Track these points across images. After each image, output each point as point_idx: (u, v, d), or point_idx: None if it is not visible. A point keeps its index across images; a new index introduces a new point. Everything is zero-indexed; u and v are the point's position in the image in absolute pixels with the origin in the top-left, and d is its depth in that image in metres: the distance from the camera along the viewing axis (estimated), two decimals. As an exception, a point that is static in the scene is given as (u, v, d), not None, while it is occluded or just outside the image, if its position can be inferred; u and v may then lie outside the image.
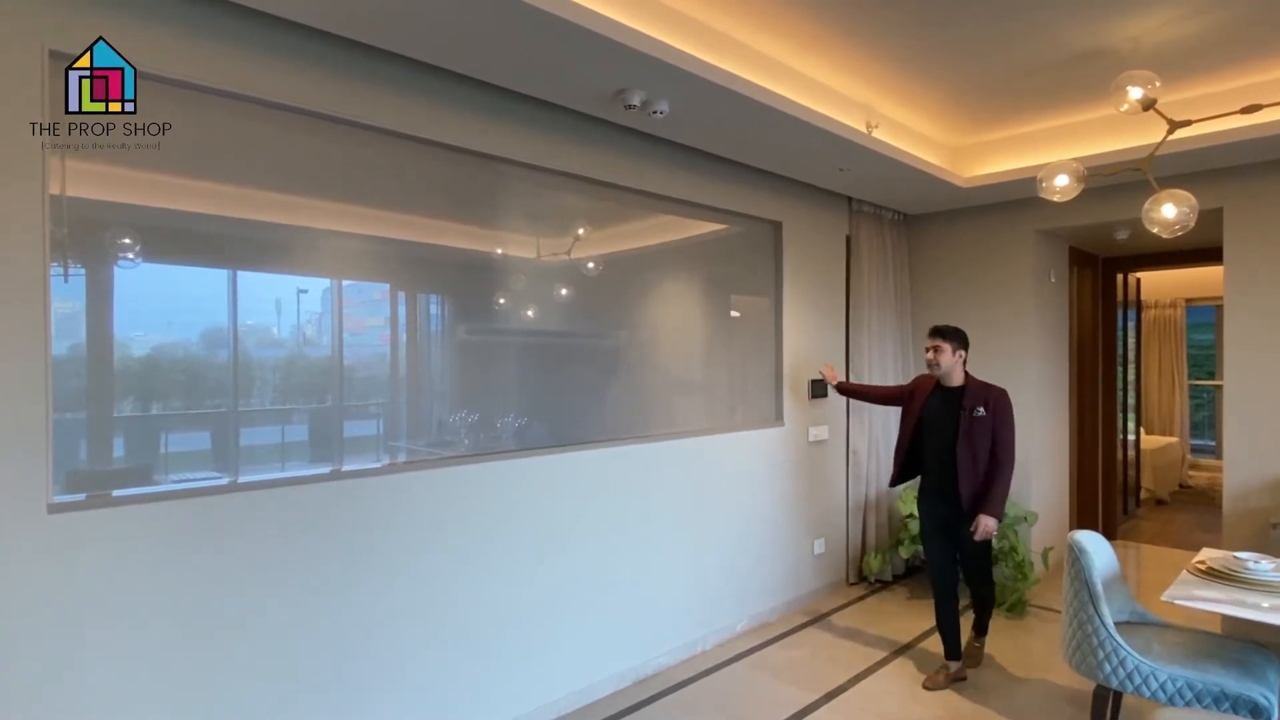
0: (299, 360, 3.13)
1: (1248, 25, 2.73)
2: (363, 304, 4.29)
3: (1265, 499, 3.69)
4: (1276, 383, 3.69)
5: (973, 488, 3.18)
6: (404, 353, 4.23)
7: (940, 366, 3.28)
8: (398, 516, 2.51)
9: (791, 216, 4.25)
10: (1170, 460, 7.49)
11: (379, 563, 2.44)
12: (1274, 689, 2.25)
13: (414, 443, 3.87)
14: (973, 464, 3.18)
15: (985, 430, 3.18)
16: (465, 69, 2.57)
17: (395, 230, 3.72)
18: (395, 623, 2.47)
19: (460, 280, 4.05)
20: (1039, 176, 2.75)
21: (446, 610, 2.61)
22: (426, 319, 4.27)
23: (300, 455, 3.62)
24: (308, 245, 2.80)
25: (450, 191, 3.51)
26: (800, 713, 2.96)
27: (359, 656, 2.38)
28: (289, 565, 2.23)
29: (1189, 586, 2.31)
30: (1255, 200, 3.75)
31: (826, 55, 3.08)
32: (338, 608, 2.33)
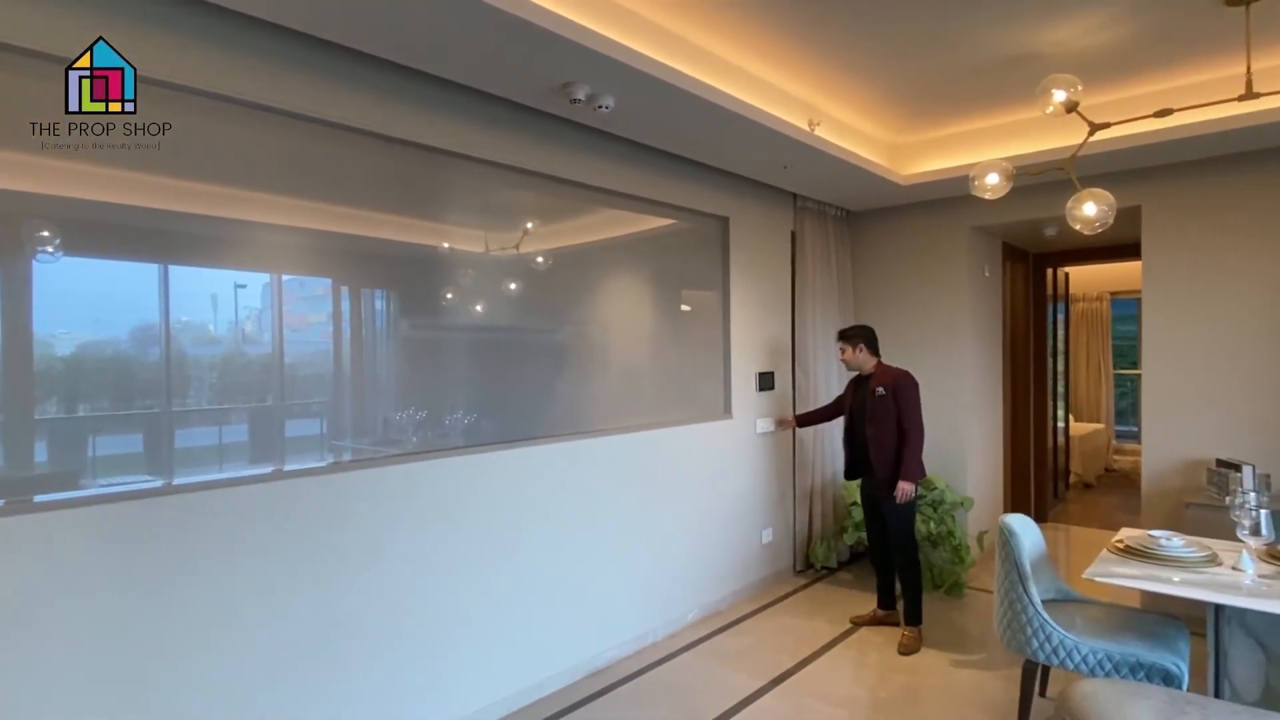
0: (238, 358, 3.04)
1: (1158, 36, 2.89)
2: (305, 300, 4.18)
3: (1179, 480, 3.92)
4: (1190, 372, 3.93)
5: (884, 460, 3.58)
6: (348, 349, 4.14)
7: (853, 364, 3.75)
8: (343, 516, 2.46)
9: (738, 212, 4.31)
10: (1097, 446, 7.89)
11: (324, 563, 2.39)
12: (1184, 657, 2.41)
13: (359, 441, 3.80)
14: (879, 439, 3.59)
15: (888, 408, 3.58)
16: (406, 60, 2.53)
17: (337, 224, 3.64)
18: (342, 623, 2.43)
19: (406, 275, 3.98)
20: (971, 175, 2.86)
21: (394, 609, 2.58)
22: (372, 315, 4.18)
23: (240, 456, 3.51)
24: (245, 239, 2.72)
25: (394, 185, 3.44)
26: (747, 699, 3.03)
27: (304, 658, 2.33)
28: (230, 569, 2.17)
29: (1109, 564, 2.45)
30: (1170, 199, 3.98)
31: (770, 54, 3.14)
32: (281, 610, 2.28)
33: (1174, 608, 2.99)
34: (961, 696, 3.03)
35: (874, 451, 3.62)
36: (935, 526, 4.24)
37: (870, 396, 3.65)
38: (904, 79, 3.38)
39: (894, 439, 3.57)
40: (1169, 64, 3.18)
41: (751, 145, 3.57)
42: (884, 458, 3.58)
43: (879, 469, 3.60)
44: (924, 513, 4.28)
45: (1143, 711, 1.87)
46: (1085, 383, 8.74)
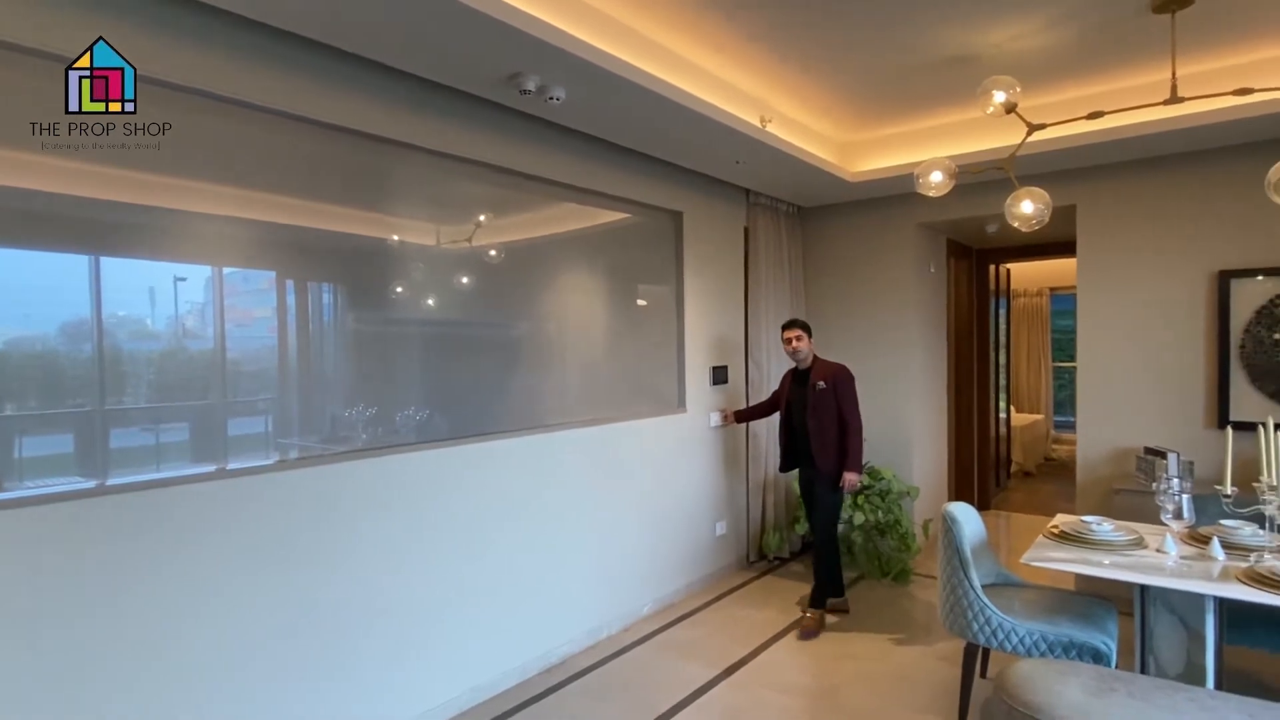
0: (178, 354, 2.94)
1: (1091, 40, 3.01)
2: (249, 294, 4.05)
3: (1111, 468, 4.11)
4: (1121, 365, 4.11)
5: (823, 452, 3.69)
6: (294, 345, 4.03)
7: (801, 353, 3.81)
8: (290, 515, 2.40)
9: (692, 207, 4.34)
10: (1037, 436, 8.20)
11: (271, 562, 2.33)
12: (1113, 636, 2.53)
13: (307, 439, 3.71)
14: (820, 431, 3.70)
15: (828, 402, 3.69)
16: (350, 46, 2.46)
17: (282, 214, 3.53)
18: (291, 623, 2.37)
19: (354, 268, 3.89)
20: (916, 173, 2.93)
21: (340, 610, 2.53)
22: (319, 309, 4.08)
23: (180, 455, 3.38)
24: (183, 230, 2.62)
25: (340, 175, 3.36)
26: (701, 689, 3.06)
27: (252, 659, 2.27)
28: (174, 571, 2.10)
29: (1044, 549, 2.55)
30: (1103, 199, 4.15)
31: (724, 50, 3.16)
32: (229, 611, 2.22)
33: (1105, 589, 3.13)
34: (907, 679, 3.12)
35: (816, 444, 3.72)
36: (883, 515, 4.35)
37: (811, 390, 3.74)
38: (852, 78, 3.45)
39: (835, 431, 3.69)
40: (1101, 68, 3.31)
41: (704, 140, 3.60)
42: (826, 450, 3.70)
43: (820, 461, 3.71)
44: (872, 502, 4.39)
45: (1073, 689, 1.96)
46: (1026, 375, 9.07)
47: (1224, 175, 3.74)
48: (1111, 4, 2.69)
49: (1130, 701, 1.88)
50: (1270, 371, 3.66)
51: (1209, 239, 3.82)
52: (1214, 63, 3.24)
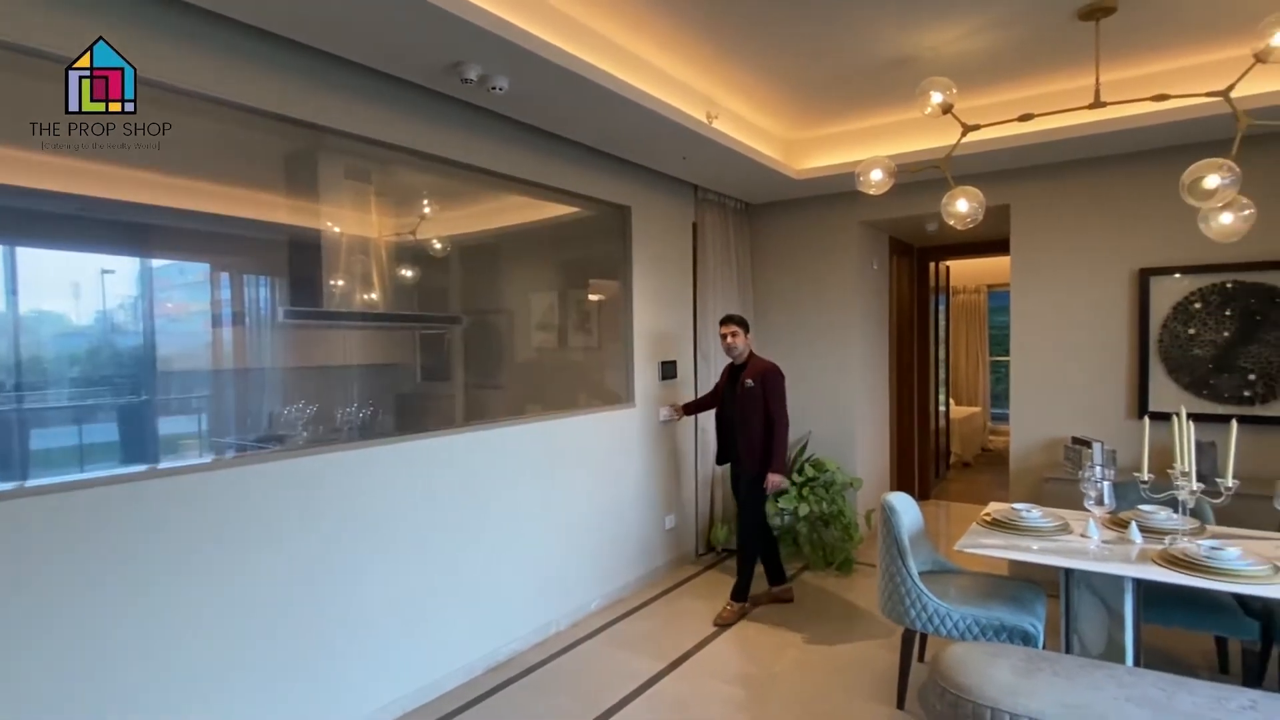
0: (106, 350, 2.81)
1: (1022, 45, 3.12)
2: (182, 287, 3.88)
3: (1042, 458, 4.29)
4: (1052, 358, 4.29)
5: (749, 449, 3.74)
6: (230, 340, 3.89)
7: (736, 349, 3.82)
8: (226, 515, 2.31)
9: (640, 202, 4.34)
10: (974, 428, 8.50)
11: (208, 563, 2.25)
12: (1041, 618, 2.64)
13: (243, 437, 3.58)
14: (746, 428, 3.74)
15: (756, 399, 3.71)
16: (286, 31, 2.37)
17: (215, 204, 3.39)
18: (230, 624, 2.29)
19: (293, 261, 3.77)
20: (857, 171, 3.00)
21: (282, 610, 2.45)
22: (256, 303, 3.94)
23: (109, 455, 3.23)
24: (110, 219, 2.49)
25: (277, 164, 3.24)
26: (648, 682, 3.08)
27: (188, 662, 2.18)
28: (103, 573, 2.01)
29: (977, 536, 2.65)
30: (1035, 199, 4.31)
31: (670, 45, 3.16)
32: (160, 612, 2.12)
33: (1035, 573, 3.27)
34: (849, 666, 3.20)
35: (741, 440, 3.77)
36: (827, 507, 4.45)
37: (741, 387, 3.78)
38: (797, 76, 3.49)
39: (761, 430, 3.72)
40: (1033, 72, 3.44)
41: (651, 135, 3.60)
42: (750, 447, 3.74)
43: (745, 457, 3.76)
44: (817, 493, 4.48)
45: (1003, 670, 2.03)
46: (965, 369, 9.38)
47: (1145, 178, 3.93)
48: (1041, 10, 2.79)
49: (1055, 680, 1.97)
50: (1185, 365, 3.87)
51: (1131, 238, 4.02)
52: (1135, 70, 3.39)
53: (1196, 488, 2.46)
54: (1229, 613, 2.70)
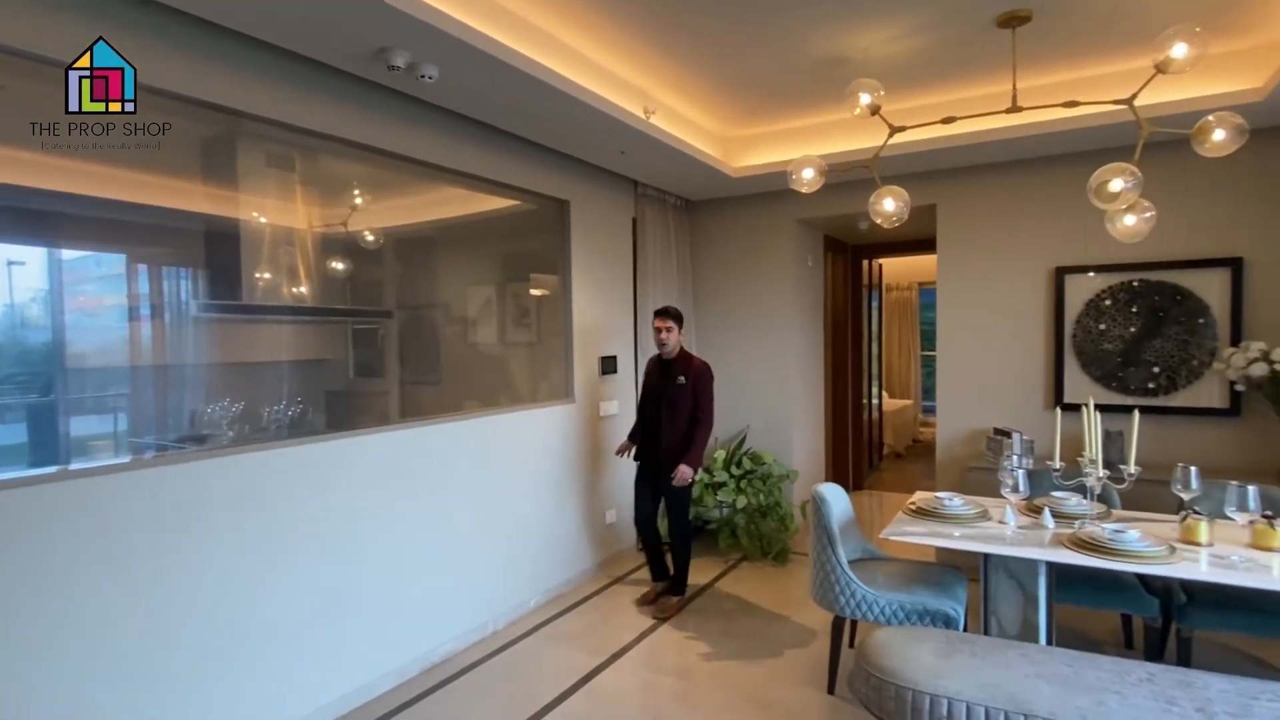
0: (12, 348, 2.64)
1: (946, 49, 3.23)
2: (97, 280, 3.67)
3: (966, 448, 4.47)
4: (976, 352, 4.47)
5: (674, 445, 3.71)
6: (149, 335, 3.69)
7: (670, 344, 3.77)
8: (144, 517, 2.20)
9: (579, 196, 4.31)
10: (906, 419, 8.79)
11: (123, 568, 2.13)
12: (962, 601, 2.75)
13: (164, 437, 3.41)
14: (672, 424, 3.72)
15: (686, 396, 3.72)
16: (200, 11, 2.25)
17: (131, 192, 3.21)
18: (145, 630, 2.17)
19: (212, 252, 3.60)
20: (789, 170, 3.05)
21: (203, 615, 2.34)
22: (177, 297, 3.75)
23: (15, 458, 3.03)
24: (16, 207, 2.33)
25: (193, 150, 3.10)
26: (586, 677, 3.08)
27: (100, 669, 2.06)
28: (6, 578, 1.88)
29: (902, 524, 2.74)
30: (959, 199, 4.48)
31: (607, 40, 3.15)
32: (71, 616, 2.00)
33: (958, 559, 3.41)
34: (784, 654, 3.27)
35: (666, 435, 3.73)
36: (764, 498, 4.53)
37: (673, 383, 3.75)
38: (732, 74, 3.53)
39: (687, 426, 3.72)
40: (956, 77, 3.57)
41: (588, 129, 3.58)
42: (674, 443, 3.71)
43: (667, 453, 3.72)
44: (754, 486, 4.56)
45: (924, 653, 2.11)
46: (897, 363, 9.69)
47: (1060, 180, 4.13)
48: (963, 17, 2.89)
49: (972, 660, 2.05)
50: (1096, 358, 4.09)
51: (1048, 238, 4.22)
52: (1050, 77, 3.56)
53: (1102, 474, 2.60)
54: (1132, 591, 2.87)
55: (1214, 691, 1.85)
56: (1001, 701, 1.88)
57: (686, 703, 2.86)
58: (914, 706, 1.97)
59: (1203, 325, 3.84)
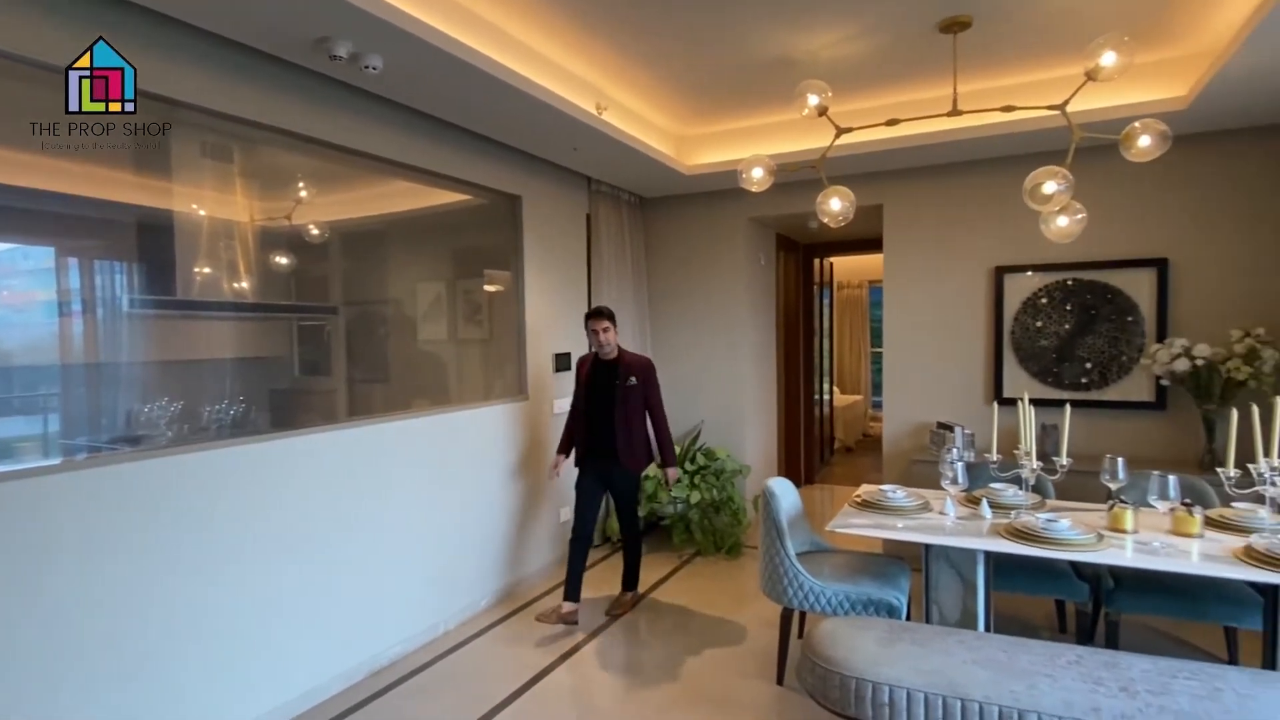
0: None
1: (891, 53, 3.31)
2: (26, 274, 3.51)
3: (911, 442, 4.59)
4: (921, 349, 4.59)
5: (629, 447, 3.61)
6: (80, 333, 3.55)
7: (610, 344, 3.64)
8: (74, 521, 2.10)
9: (531, 191, 4.28)
10: (856, 414, 8.98)
11: (52, 572, 2.04)
12: (905, 591, 2.83)
13: (97, 438, 3.27)
14: (627, 425, 3.61)
15: (639, 396, 3.64)
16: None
17: (61, 182, 3.06)
18: (77, 641, 2.08)
19: (147, 245, 3.47)
20: (740, 168, 3.08)
21: (140, 621, 2.26)
22: (111, 291, 3.61)
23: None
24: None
25: (131, 140, 2.96)
26: (537, 676, 3.07)
27: (23, 678, 1.96)
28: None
29: (847, 516, 2.80)
30: (904, 200, 4.59)
31: (558, 35, 3.13)
32: (7, 626, 1.91)
33: (902, 550, 3.50)
34: (735, 647, 3.31)
35: (622, 438, 3.59)
36: (717, 494, 4.58)
37: (622, 383, 3.63)
38: (684, 72, 3.55)
39: (644, 426, 3.67)
40: (900, 80, 3.65)
41: (539, 124, 3.55)
42: (633, 445, 3.62)
43: (625, 456, 3.59)
44: (708, 481, 4.60)
45: (868, 642, 2.17)
46: (848, 359, 9.89)
47: (999, 182, 4.27)
48: (906, 21, 2.96)
49: (912, 648, 2.11)
50: (1033, 355, 4.25)
51: (988, 239, 4.36)
52: (989, 82, 3.67)
53: (1036, 466, 2.70)
54: (1065, 578, 3.00)
55: (1136, 671, 1.94)
56: (940, 687, 1.94)
57: (636, 698, 2.88)
58: (857, 695, 2.02)
59: (1132, 323, 4.02)
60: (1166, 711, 1.75)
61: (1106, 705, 1.79)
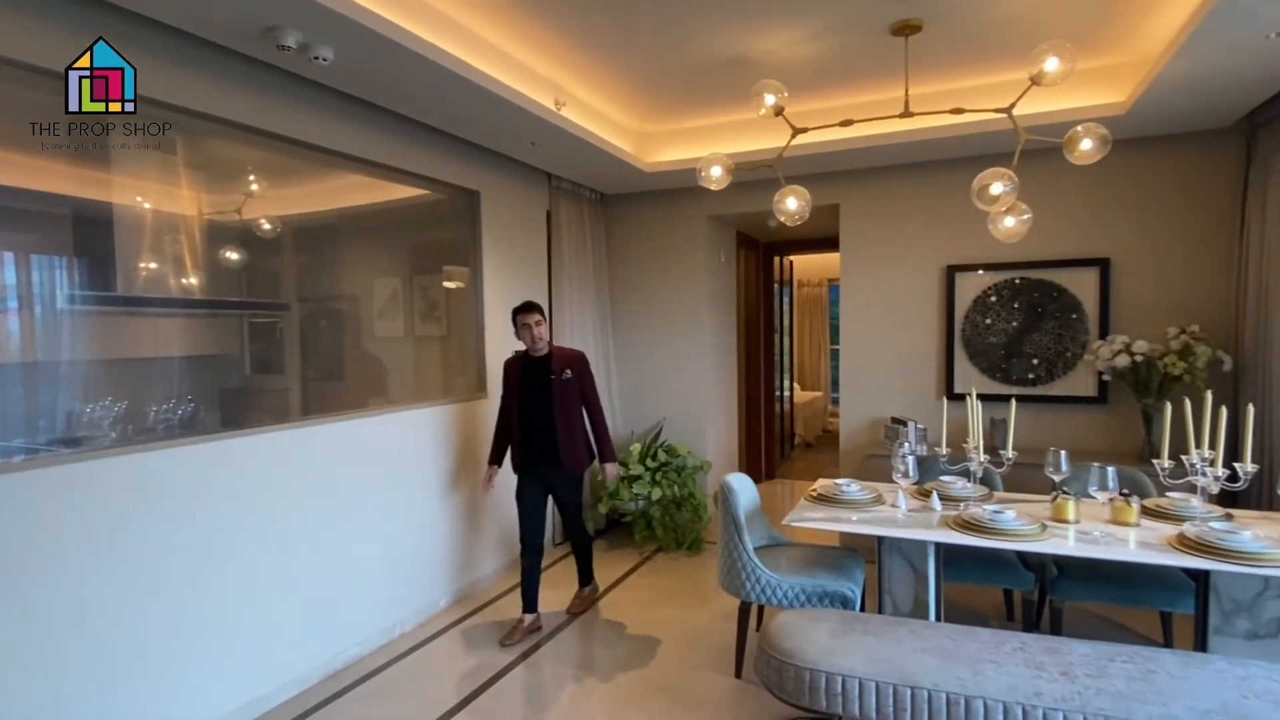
0: None
1: (844, 55, 3.36)
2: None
3: (867, 437, 4.68)
4: (876, 346, 4.68)
5: (570, 447, 3.42)
6: (16, 330, 3.41)
7: (542, 339, 3.42)
8: (11, 526, 2.02)
9: (490, 187, 4.23)
10: (816, 410, 9.12)
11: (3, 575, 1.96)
12: (859, 582, 2.89)
13: (33, 440, 3.14)
14: (568, 425, 3.42)
15: (574, 391, 3.46)
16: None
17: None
18: (10, 652, 2.01)
19: (91, 240, 3.35)
20: (698, 166, 3.10)
21: (82, 629, 2.18)
22: (48, 288, 3.47)
23: None
24: None
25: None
26: (496, 676, 3.05)
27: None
28: None
29: (803, 510, 2.84)
30: (861, 199, 4.68)
31: (516, 30, 3.10)
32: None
33: (858, 542, 3.57)
34: (694, 641, 3.34)
35: (563, 438, 3.40)
36: (679, 490, 4.61)
37: (557, 380, 3.42)
38: (644, 69, 3.55)
39: (582, 423, 3.52)
40: (855, 81, 3.71)
41: (497, 118, 3.52)
42: (574, 444, 3.45)
43: (566, 456, 3.41)
44: (669, 478, 4.63)
45: (822, 633, 2.21)
46: (808, 356, 10.03)
47: (950, 183, 4.37)
48: (860, 24, 3.01)
49: (865, 638, 2.16)
50: (983, 351, 4.37)
51: (940, 238, 4.46)
52: (940, 85, 3.76)
53: (984, 459, 2.78)
54: (1011, 568, 3.09)
55: (1076, 656, 2.02)
56: (891, 676, 1.99)
57: (595, 695, 2.88)
58: (811, 685, 2.06)
59: (1076, 320, 4.16)
60: (1103, 694, 1.82)
61: (1048, 689, 1.85)
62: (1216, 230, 3.86)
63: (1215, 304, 3.85)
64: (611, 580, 4.16)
